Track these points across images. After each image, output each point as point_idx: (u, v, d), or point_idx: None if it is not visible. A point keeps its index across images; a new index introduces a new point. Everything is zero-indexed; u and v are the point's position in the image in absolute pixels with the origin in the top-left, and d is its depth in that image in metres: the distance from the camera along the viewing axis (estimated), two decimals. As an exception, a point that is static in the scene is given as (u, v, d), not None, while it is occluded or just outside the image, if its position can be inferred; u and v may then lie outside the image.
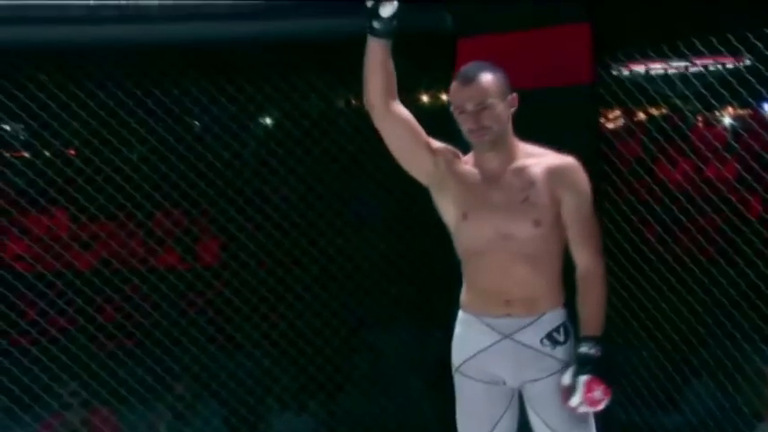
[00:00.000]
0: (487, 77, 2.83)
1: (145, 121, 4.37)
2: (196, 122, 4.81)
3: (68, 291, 4.35)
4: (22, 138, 4.60)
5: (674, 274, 4.09)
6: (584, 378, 2.77)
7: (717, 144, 4.21)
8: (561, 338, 2.89)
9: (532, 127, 2.96)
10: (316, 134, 4.62)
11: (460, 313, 3.00)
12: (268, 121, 5.34)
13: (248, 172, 4.65)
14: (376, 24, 2.79)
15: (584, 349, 2.82)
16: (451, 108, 2.89)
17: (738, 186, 4.07)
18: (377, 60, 2.83)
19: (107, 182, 4.40)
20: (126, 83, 4.22)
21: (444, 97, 4.17)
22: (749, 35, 3.62)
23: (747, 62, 4.17)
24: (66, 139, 4.42)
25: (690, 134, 4.22)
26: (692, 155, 4.15)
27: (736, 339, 3.94)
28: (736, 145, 4.08)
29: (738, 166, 4.09)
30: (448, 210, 2.95)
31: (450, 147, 2.98)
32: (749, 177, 3.92)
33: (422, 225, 4.63)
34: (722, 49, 3.82)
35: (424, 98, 5.19)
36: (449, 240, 3.00)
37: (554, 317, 2.90)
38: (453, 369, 3.01)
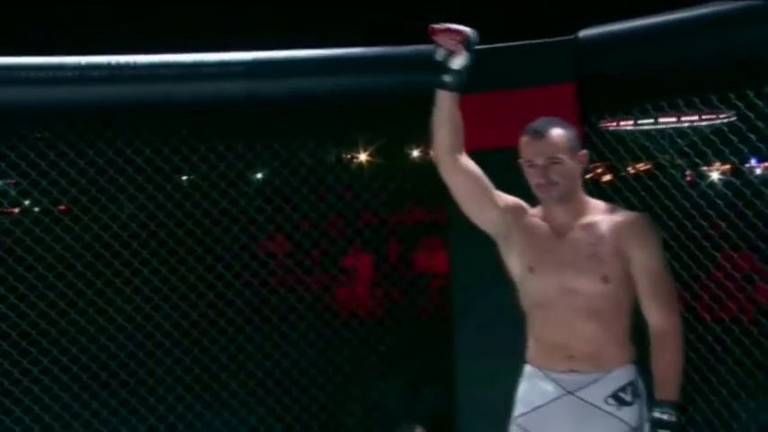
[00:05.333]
0: (558, 132, 2.82)
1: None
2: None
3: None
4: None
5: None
6: None
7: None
8: (628, 398, 2.79)
9: (518, 186, 2.98)
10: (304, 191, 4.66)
11: (526, 366, 2.94)
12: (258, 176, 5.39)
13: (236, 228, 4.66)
14: (446, 78, 2.81)
15: (657, 414, 2.69)
16: (520, 161, 2.87)
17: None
18: (445, 114, 2.84)
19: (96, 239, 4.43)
20: (116, 141, 4.26)
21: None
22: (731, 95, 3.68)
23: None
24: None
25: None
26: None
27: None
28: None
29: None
30: (514, 262, 2.94)
31: (518, 200, 2.96)
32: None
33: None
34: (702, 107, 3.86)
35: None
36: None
37: (622, 374, 2.81)
38: (512, 419, 2.92)
